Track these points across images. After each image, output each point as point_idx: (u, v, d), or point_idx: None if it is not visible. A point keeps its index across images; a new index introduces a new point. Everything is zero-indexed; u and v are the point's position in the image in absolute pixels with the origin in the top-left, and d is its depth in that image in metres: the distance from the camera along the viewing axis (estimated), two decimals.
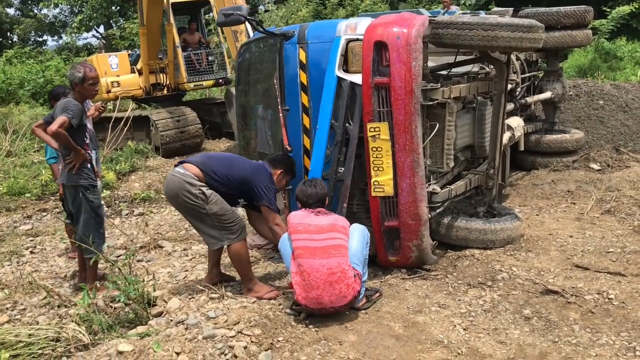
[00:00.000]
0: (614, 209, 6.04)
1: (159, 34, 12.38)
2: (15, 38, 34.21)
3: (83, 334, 3.89)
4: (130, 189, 8.83)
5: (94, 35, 33.08)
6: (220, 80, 13.08)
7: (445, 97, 4.83)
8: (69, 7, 31.61)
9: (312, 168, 4.62)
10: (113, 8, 29.06)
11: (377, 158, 4.60)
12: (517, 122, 6.77)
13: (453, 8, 11.32)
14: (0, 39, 33.66)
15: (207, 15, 16.11)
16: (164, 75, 12.79)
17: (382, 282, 4.76)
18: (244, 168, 4.58)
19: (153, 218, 7.52)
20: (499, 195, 6.04)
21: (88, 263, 4.99)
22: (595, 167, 7.65)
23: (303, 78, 4.92)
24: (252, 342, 3.56)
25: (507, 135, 6.15)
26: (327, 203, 4.40)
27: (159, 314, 4.29)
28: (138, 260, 5.77)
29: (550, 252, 5.13)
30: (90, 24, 29.39)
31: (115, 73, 12.79)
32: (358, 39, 4.69)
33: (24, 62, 23.13)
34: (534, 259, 4.98)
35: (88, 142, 5.04)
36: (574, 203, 6.44)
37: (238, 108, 6.03)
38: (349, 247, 4.14)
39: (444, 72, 5.44)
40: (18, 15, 35.00)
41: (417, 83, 4.48)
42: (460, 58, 5.47)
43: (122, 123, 11.09)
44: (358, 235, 4.28)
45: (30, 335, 3.86)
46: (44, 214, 8.06)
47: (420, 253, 4.84)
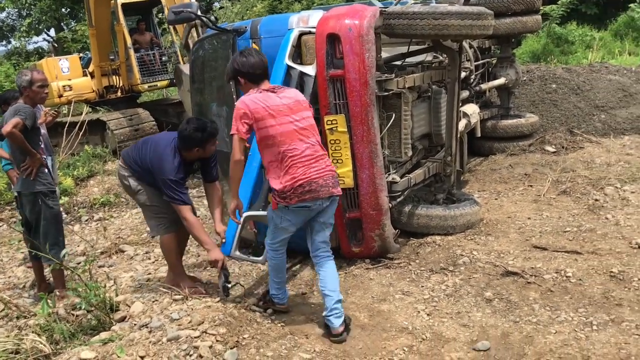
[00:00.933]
0: (570, 190, 6.19)
1: (109, 35, 12.13)
2: None
3: (44, 344, 3.80)
4: (89, 194, 8.67)
5: (45, 39, 32.22)
6: (174, 80, 12.86)
7: (400, 87, 4.87)
8: (17, 10, 30.68)
9: (251, 153, 4.51)
10: (63, 10, 28.33)
11: (335, 151, 4.61)
12: (472, 109, 6.86)
13: None
14: None
15: (160, 14, 15.84)
16: (117, 78, 12.54)
17: (346, 273, 4.78)
18: (151, 156, 4.37)
19: (113, 222, 7.40)
20: (458, 182, 6.13)
21: (53, 272, 4.88)
22: (551, 149, 7.82)
23: None
24: (217, 341, 3.54)
25: (463, 123, 6.23)
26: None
27: (122, 319, 4.22)
28: (100, 266, 5.68)
29: (510, 234, 5.23)
30: (40, 27, 28.59)
31: (67, 77, 12.48)
32: (311, 32, 4.69)
33: None
34: (494, 242, 5.07)
35: (43, 146, 4.92)
36: (531, 185, 6.57)
37: (194, 106, 5.96)
38: None
39: (398, 62, 5.47)
40: None
41: (371, 74, 4.50)
42: (414, 48, 5.51)
43: (76, 127, 10.85)
44: None
45: None
46: (0, 224, 7.85)
47: (383, 242, 4.88)
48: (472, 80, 7.29)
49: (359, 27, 4.46)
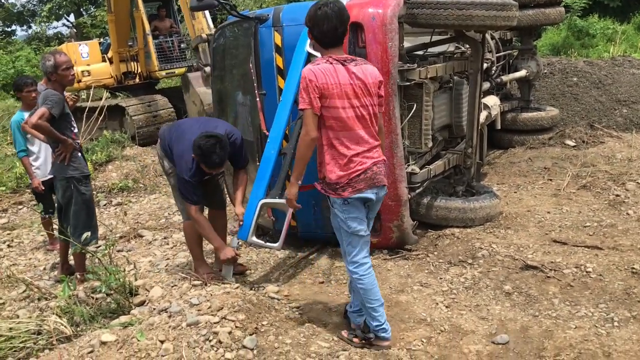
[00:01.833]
0: (590, 184, 6.13)
1: (128, 22, 12.15)
2: None
3: (65, 326, 3.85)
4: (108, 179, 8.73)
5: (64, 24, 32.47)
6: (193, 67, 12.90)
7: (422, 77, 4.83)
8: None
9: (270, 140, 4.54)
10: None
11: None
12: (493, 100, 6.81)
13: None
14: None
15: (178, 2, 15.83)
16: (135, 64, 12.58)
17: None
18: (175, 148, 4.43)
19: (132, 207, 7.45)
20: (477, 174, 6.09)
21: (74, 255, 4.92)
22: (571, 143, 7.74)
23: (279, 62, 4.88)
24: (236, 327, 3.55)
25: (483, 114, 6.19)
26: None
27: (142, 303, 4.26)
28: (118, 250, 5.73)
29: (529, 228, 5.19)
30: (60, 13, 28.78)
31: (86, 62, 12.55)
32: None
33: None
34: (513, 236, 5.04)
35: (76, 131, 4.94)
36: (551, 179, 6.52)
37: (214, 94, 5.96)
38: None
39: (420, 52, 5.43)
40: None
41: (393, 64, 4.48)
42: (436, 38, 5.47)
43: (96, 113, 10.92)
44: None
45: (11, 329, 3.81)
46: (20, 207, 7.94)
47: (401, 233, 4.87)
48: (493, 72, 7.23)
49: (383, 15, 4.43)
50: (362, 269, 3.47)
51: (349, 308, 3.75)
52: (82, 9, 29.82)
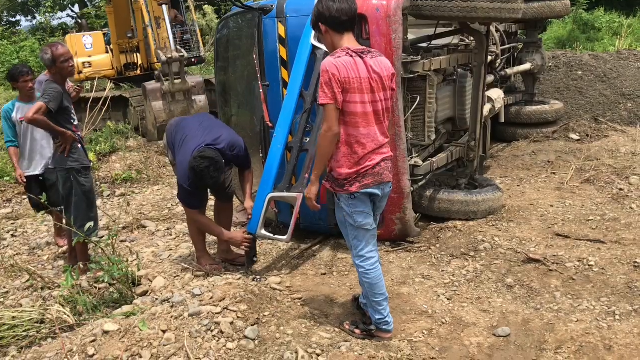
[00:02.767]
0: (593, 178, 6.12)
1: (128, 13, 12.10)
2: None
3: (68, 315, 3.88)
4: (111, 170, 8.74)
5: (69, 15, 32.41)
6: (194, 59, 12.85)
7: (426, 69, 4.82)
8: None
9: (276, 135, 4.55)
10: None
11: None
12: (497, 93, 6.79)
13: None
14: None
15: None
16: (136, 55, 12.57)
17: None
18: (178, 153, 4.44)
19: (135, 198, 7.46)
20: (481, 167, 6.09)
21: (77, 246, 4.94)
22: (575, 137, 7.72)
23: (283, 53, 4.87)
24: (238, 317, 3.57)
25: (487, 107, 6.17)
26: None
27: (144, 293, 4.28)
28: (121, 241, 5.74)
29: (532, 221, 5.19)
30: (65, 3, 28.76)
31: (89, 53, 12.53)
32: None
33: None
34: (516, 229, 5.04)
35: (76, 123, 4.94)
36: (554, 173, 6.51)
37: (218, 85, 5.96)
38: None
39: (424, 44, 5.41)
40: None
41: (397, 56, 4.46)
42: (440, 30, 5.45)
43: (99, 104, 10.92)
44: None
45: (14, 318, 3.84)
46: (24, 197, 7.93)
47: (404, 226, 4.87)
48: (497, 65, 7.21)
49: (387, 7, 4.41)
50: (368, 264, 3.45)
51: (362, 299, 3.76)
52: (86, 0, 29.80)
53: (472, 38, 5.64)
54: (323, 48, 4.61)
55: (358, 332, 3.58)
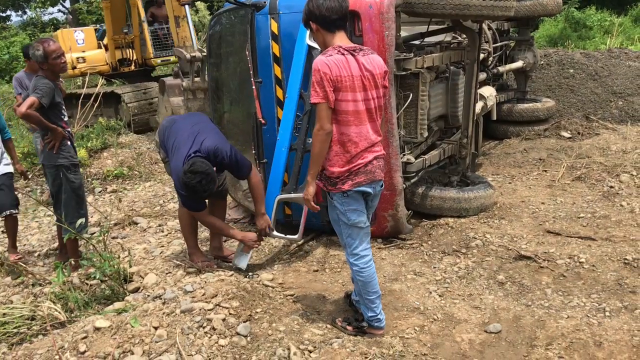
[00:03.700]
0: (584, 176, 6.15)
1: (124, 8, 12.08)
2: None
3: (59, 312, 3.87)
4: (103, 166, 8.70)
5: (60, 10, 32.19)
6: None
7: (419, 66, 4.83)
8: None
9: (280, 137, 4.58)
10: None
11: None
12: (489, 91, 6.81)
13: None
14: None
15: None
16: (131, 51, 12.53)
17: None
18: (173, 161, 4.37)
19: (127, 195, 7.44)
20: (472, 164, 6.10)
21: (68, 242, 4.92)
22: (566, 135, 7.76)
23: (275, 49, 4.86)
24: (230, 314, 3.57)
25: (479, 105, 6.19)
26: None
27: (136, 290, 4.27)
28: (113, 237, 5.73)
29: (523, 218, 5.21)
30: None
31: (81, 49, 12.46)
32: None
33: None
34: (507, 226, 5.06)
35: (66, 119, 4.91)
36: (546, 170, 6.54)
37: (210, 82, 5.94)
38: None
39: (417, 41, 5.42)
40: None
41: (390, 53, 4.46)
42: (433, 27, 5.45)
43: (91, 100, 10.87)
44: None
45: (5, 315, 3.82)
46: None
47: (396, 223, 4.88)
48: (489, 63, 7.23)
49: (380, 4, 4.41)
50: (362, 262, 3.44)
51: (355, 296, 3.77)
52: None
53: (464, 36, 5.65)
54: (319, 48, 4.61)
55: (350, 328, 3.59)
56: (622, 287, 3.92)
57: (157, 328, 3.44)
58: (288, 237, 4.70)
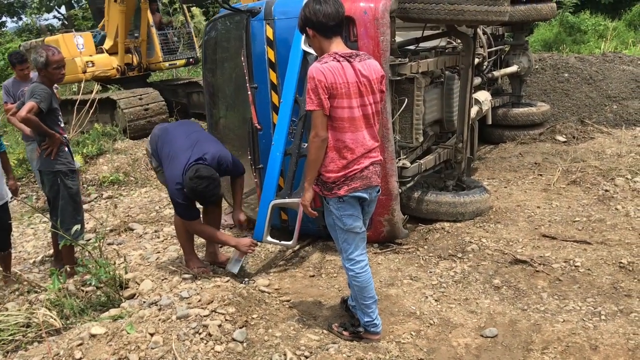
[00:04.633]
0: (580, 180, 6.16)
1: (133, 12, 12.14)
2: None
3: (54, 319, 3.85)
4: (99, 172, 8.70)
5: (55, 16, 32.20)
6: (191, 60, 13.09)
7: (414, 71, 4.84)
8: None
9: (275, 142, 4.58)
10: None
11: None
12: (484, 96, 6.83)
13: None
14: None
15: None
16: (131, 56, 12.56)
17: None
18: (166, 166, 4.38)
19: (123, 201, 7.43)
20: (468, 169, 6.12)
21: (63, 249, 4.91)
22: (561, 139, 7.78)
23: (271, 55, 4.87)
24: (226, 320, 3.56)
25: (474, 109, 6.21)
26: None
27: (132, 296, 4.26)
28: (109, 244, 5.71)
29: (519, 222, 5.22)
30: (51, 4, 28.52)
31: (76, 54, 12.45)
32: None
33: None
34: (503, 230, 5.07)
35: (62, 125, 4.92)
36: (541, 175, 6.55)
37: (206, 87, 5.95)
38: None
39: (412, 47, 5.44)
40: None
41: (385, 58, 4.48)
42: (428, 33, 5.47)
43: (87, 105, 10.85)
44: None
45: (0, 322, 3.80)
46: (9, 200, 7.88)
47: (392, 227, 4.89)
48: (484, 67, 7.25)
49: (375, 10, 4.43)
50: (358, 267, 3.43)
51: (351, 301, 3.76)
52: (73, 1, 29.58)
53: (459, 40, 5.68)
54: (314, 53, 4.61)
55: (346, 334, 3.59)
56: (617, 290, 3.93)
57: (153, 334, 3.43)
58: (282, 243, 4.68)
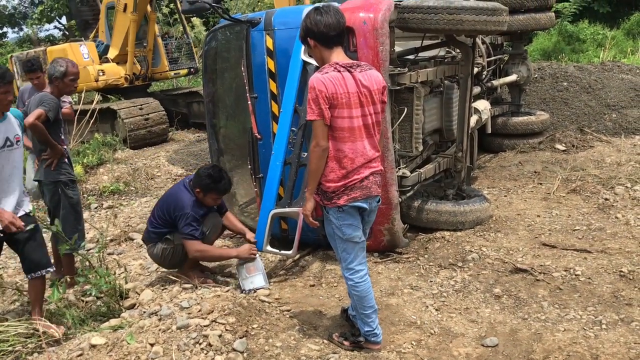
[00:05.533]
0: (579, 188, 6.17)
1: (141, 22, 12.26)
2: None
3: (55, 329, 3.85)
4: (99, 182, 8.69)
5: (56, 27, 32.30)
6: (192, 69, 13.25)
7: (413, 81, 4.86)
8: None
9: (274, 152, 4.59)
10: None
11: None
12: (484, 105, 6.85)
13: None
14: None
15: (171, 5, 15.88)
16: (139, 64, 12.66)
17: None
18: (178, 207, 4.48)
19: (123, 211, 7.43)
20: (468, 178, 6.12)
21: (63, 259, 4.91)
22: (561, 147, 7.79)
23: (271, 65, 4.89)
24: (226, 330, 3.56)
25: (474, 119, 6.23)
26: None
27: (132, 306, 4.25)
28: (109, 254, 5.71)
29: (519, 231, 5.22)
30: (52, 15, 28.65)
31: (88, 63, 12.50)
32: None
33: None
34: (503, 239, 5.07)
35: (64, 137, 4.94)
36: (541, 183, 6.56)
37: (206, 97, 5.97)
38: None
39: (411, 56, 5.46)
40: None
41: (384, 68, 4.50)
42: (427, 42, 5.49)
43: (87, 115, 10.88)
44: None
45: (0, 332, 3.79)
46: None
47: (392, 236, 4.89)
48: (484, 76, 7.28)
49: (374, 20, 4.45)
50: (357, 276, 3.43)
51: (351, 311, 3.76)
52: (73, 12, 29.68)
53: (458, 50, 5.70)
54: (314, 63, 4.64)
55: (347, 343, 3.58)
56: (618, 299, 3.92)
57: (153, 345, 3.42)
58: (282, 252, 4.68)
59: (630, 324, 3.62)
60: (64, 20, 30.15)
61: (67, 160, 4.89)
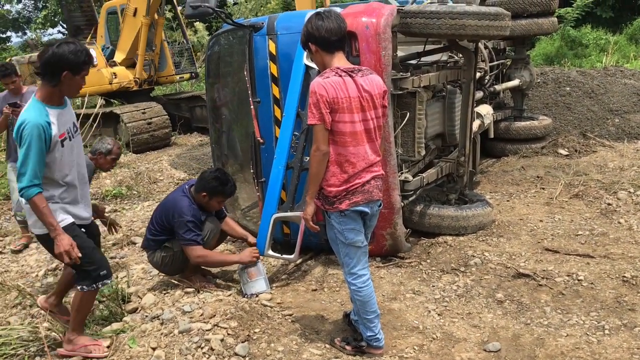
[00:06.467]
0: (582, 193, 6.16)
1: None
2: None
3: (57, 333, 3.85)
4: (101, 186, 8.70)
5: (60, 31, 32.41)
6: (193, 74, 13.33)
7: (415, 86, 4.87)
8: (33, 2, 30.90)
9: (277, 156, 4.60)
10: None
11: None
12: (486, 109, 6.85)
13: None
14: None
15: (172, 10, 15.94)
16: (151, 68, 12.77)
17: None
18: (176, 214, 4.43)
19: (125, 214, 7.43)
20: (470, 182, 6.12)
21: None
22: (563, 152, 7.79)
23: (273, 69, 4.90)
24: (228, 334, 3.56)
25: (476, 123, 6.23)
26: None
27: (134, 310, 4.25)
28: (111, 257, 5.71)
29: (521, 236, 5.22)
30: (55, 20, 28.76)
31: (101, 66, 12.57)
32: None
33: None
34: (506, 244, 5.06)
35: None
36: (543, 188, 6.55)
37: (209, 101, 5.98)
38: None
39: (414, 61, 5.47)
40: None
41: (387, 72, 4.50)
42: (429, 47, 5.50)
43: (90, 119, 10.91)
44: None
45: (2, 336, 3.80)
46: (12, 214, 7.90)
47: (394, 241, 4.89)
48: (486, 81, 7.28)
49: (376, 25, 4.46)
50: (360, 281, 3.43)
51: (353, 315, 3.76)
52: None
53: (460, 55, 5.70)
54: (316, 67, 4.64)
55: (349, 348, 3.57)
56: (621, 304, 3.91)
57: (155, 349, 3.43)
58: (284, 256, 4.68)
59: (633, 330, 3.60)
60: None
61: None
